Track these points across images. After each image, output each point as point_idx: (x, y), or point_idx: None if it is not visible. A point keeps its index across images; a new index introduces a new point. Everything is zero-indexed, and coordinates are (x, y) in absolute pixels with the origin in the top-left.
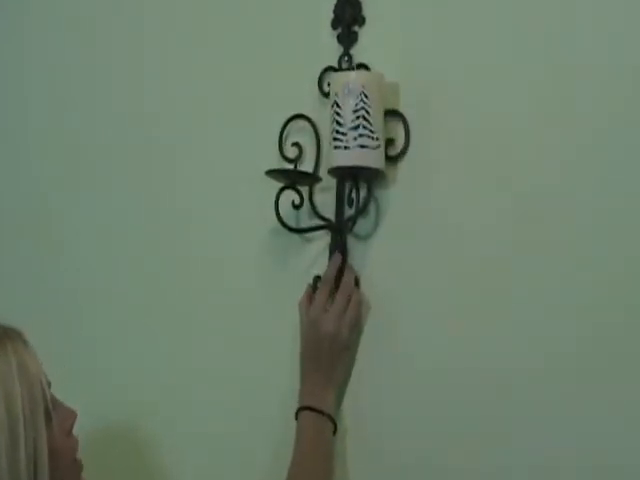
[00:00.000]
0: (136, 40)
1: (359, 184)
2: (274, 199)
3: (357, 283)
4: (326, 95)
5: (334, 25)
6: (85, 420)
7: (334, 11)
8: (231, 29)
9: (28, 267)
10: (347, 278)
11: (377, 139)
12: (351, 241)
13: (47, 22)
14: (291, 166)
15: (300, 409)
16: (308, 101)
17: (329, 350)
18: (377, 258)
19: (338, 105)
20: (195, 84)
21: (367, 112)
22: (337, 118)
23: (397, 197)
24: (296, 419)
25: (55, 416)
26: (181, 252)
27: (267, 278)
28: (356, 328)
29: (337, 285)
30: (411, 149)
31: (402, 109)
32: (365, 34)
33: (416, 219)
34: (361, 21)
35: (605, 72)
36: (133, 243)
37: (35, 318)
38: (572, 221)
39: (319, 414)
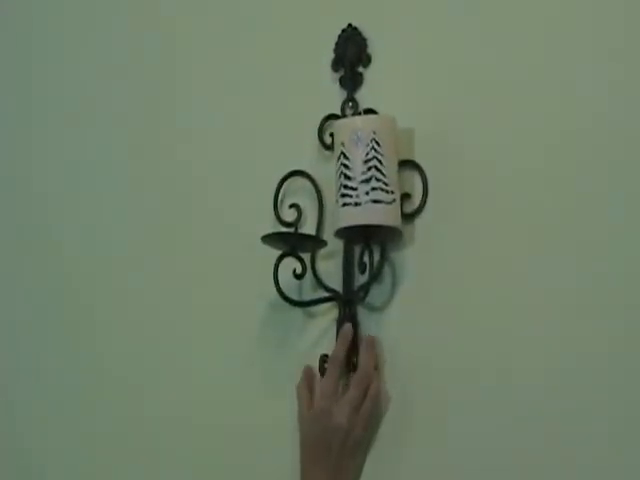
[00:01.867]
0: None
1: (372, 246)
2: (272, 269)
3: (376, 366)
4: (328, 147)
5: (335, 66)
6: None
7: (335, 50)
8: (220, 77)
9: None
10: (364, 360)
11: (392, 192)
12: (363, 313)
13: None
14: (290, 230)
15: None
16: (307, 155)
17: (339, 447)
18: (394, 332)
19: (345, 156)
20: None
21: (380, 162)
22: (345, 171)
23: (415, 259)
24: None
25: None
26: (175, 333)
27: (265, 359)
28: (372, 422)
29: (347, 363)
30: (429, 204)
31: (418, 159)
32: (371, 75)
33: (438, 284)
34: (366, 60)
35: None
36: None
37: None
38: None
39: None
